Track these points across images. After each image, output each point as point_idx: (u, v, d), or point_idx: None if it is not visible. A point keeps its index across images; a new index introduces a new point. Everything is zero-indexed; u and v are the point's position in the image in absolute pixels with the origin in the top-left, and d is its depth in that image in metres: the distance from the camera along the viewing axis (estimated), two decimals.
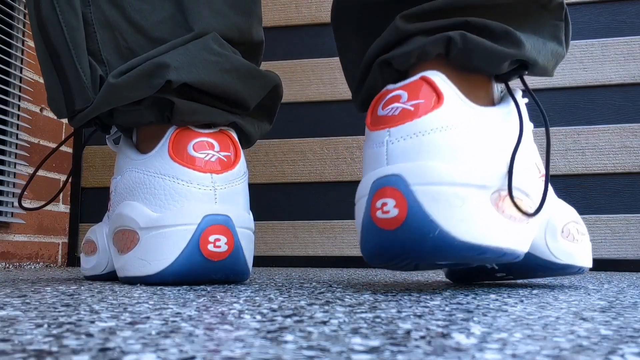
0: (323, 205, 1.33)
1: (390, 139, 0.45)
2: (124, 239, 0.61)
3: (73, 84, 0.63)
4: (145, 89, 0.60)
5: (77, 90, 0.63)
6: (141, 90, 0.61)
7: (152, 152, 0.62)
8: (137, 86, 0.61)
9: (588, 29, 1.30)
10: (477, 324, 0.30)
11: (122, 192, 0.64)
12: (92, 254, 0.72)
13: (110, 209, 0.71)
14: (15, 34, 1.26)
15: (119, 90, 0.61)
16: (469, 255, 0.44)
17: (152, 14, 0.65)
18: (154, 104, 0.62)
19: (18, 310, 0.35)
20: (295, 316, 0.33)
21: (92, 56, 0.64)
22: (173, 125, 0.62)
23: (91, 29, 0.64)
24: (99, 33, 0.64)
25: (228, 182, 0.61)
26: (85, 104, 0.63)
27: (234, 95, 0.64)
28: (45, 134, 1.34)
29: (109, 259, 0.69)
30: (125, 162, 0.65)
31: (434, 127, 0.44)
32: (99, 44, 0.64)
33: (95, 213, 1.42)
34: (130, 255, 0.60)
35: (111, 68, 0.63)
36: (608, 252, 1.22)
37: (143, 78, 0.60)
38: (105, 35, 0.64)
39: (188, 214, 0.57)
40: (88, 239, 0.75)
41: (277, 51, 1.40)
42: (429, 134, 0.44)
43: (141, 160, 0.63)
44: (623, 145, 1.25)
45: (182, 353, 0.21)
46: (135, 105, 0.62)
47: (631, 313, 0.36)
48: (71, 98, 0.64)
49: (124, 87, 0.61)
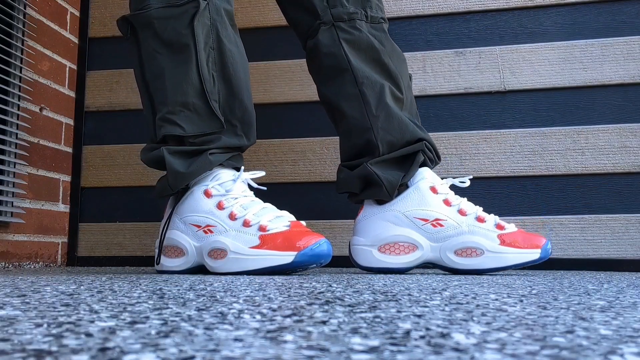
0: (323, 205, 1.33)
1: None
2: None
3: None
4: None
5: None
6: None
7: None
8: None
9: (588, 29, 1.30)
10: (476, 324, 0.30)
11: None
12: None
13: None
14: (15, 34, 1.26)
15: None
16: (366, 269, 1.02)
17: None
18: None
19: (18, 310, 0.35)
20: (295, 316, 0.33)
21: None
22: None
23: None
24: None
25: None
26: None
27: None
28: (45, 133, 1.34)
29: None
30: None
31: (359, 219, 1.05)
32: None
33: (94, 213, 1.42)
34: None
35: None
36: (607, 252, 1.22)
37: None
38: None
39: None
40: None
41: (277, 51, 1.40)
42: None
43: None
44: (622, 145, 1.25)
45: (181, 353, 0.21)
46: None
47: (630, 313, 0.36)
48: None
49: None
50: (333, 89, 1.04)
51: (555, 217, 1.25)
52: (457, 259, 0.96)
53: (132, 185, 1.42)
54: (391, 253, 0.98)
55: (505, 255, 0.94)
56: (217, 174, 0.95)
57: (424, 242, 0.97)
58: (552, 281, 0.71)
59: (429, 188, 0.99)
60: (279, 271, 0.86)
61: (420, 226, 0.97)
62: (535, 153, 1.28)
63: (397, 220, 0.99)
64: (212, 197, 0.93)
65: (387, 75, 1.02)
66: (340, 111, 1.03)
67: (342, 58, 1.02)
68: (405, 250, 0.98)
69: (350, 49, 1.02)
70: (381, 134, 1.00)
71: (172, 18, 0.94)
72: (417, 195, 0.99)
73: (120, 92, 1.46)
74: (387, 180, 0.99)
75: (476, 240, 0.95)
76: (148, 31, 0.96)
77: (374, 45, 1.02)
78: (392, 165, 1.01)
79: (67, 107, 1.43)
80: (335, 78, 1.04)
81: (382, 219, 1.00)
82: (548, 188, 1.27)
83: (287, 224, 0.89)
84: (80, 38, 1.48)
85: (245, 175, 0.96)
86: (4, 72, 1.23)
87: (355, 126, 1.02)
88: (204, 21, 0.95)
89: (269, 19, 1.42)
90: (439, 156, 1.06)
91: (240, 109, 0.97)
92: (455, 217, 0.97)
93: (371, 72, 1.02)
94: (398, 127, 1.00)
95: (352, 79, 1.02)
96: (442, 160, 1.30)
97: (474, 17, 1.35)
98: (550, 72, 1.30)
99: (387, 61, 1.03)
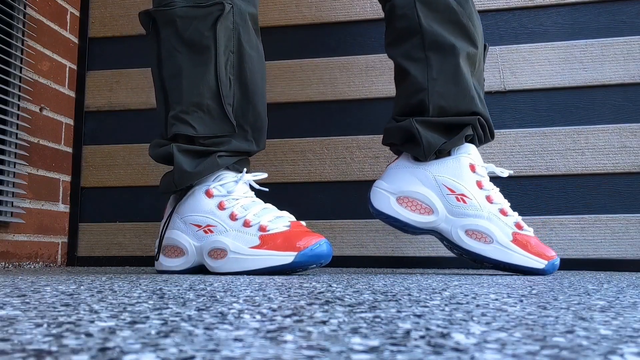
0: (323, 205, 1.33)
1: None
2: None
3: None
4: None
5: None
6: None
7: None
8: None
9: (588, 29, 1.30)
10: (476, 324, 0.30)
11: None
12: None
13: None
14: (15, 34, 1.26)
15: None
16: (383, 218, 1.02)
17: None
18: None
19: (18, 310, 0.35)
20: (295, 316, 0.33)
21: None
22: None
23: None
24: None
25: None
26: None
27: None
28: (45, 133, 1.34)
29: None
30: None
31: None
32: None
33: (94, 213, 1.42)
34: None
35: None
36: (607, 252, 1.22)
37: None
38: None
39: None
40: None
41: (277, 51, 1.40)
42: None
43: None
44: (622, 145, 1.25)
45: (181, 353, 0.21)
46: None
47: (630, 313, 0.36)
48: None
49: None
50: (401, 51, 1.03)
51: (555, 217, 1.25)
52: (466, 238, 0.95)
53: (132, 185, 1.42)
54: (407, 207, 0.99)
55: (511, 253, 0.93)
56: (220, 175, 0.95)
57: (442, 210, 0.97)
58: (552, 281, 0.71)
59: (469, 165, 0.98)
60: (279, 271, 0.86)
61: (445, 195, 0.97)
62: (535, 153, 1.28)
63: (425, 180, 0.98)
64: (214, 198, 0.93)
65: (465, 36, 1.01)
66: (404, 71, 1.02)
67: (414, 20, 1.01)
68: (422, 210, 0.98)
69: (425, 10, 1.01)
70: (435, 97, 0.99)
71: (196, 18, 0.95)
72: (454, 166, 0.98)
73: (120, 92, 1.46)
74: (426, 140, 0.98)
75: (491, 228, 0.94)
76: (170, 28, 0.96)
77: (451, 6, 1.00)
78: (437, 128, 1.00)
79: (67, 107, 1.43)
80: (406, 40, 1.02)
81: (412, 173, 1.00)
82: (548, 188, 1.27)
83: (287, 224, 0.89)
84: (80, 38, 1.48)
85: (248, 177, 0.96)
86: (4, 72, 1.23)
87: (414, 85, 1.00)
88: (227, 24, 0.95)
89: (269, 19, 1.42)
90: (492, 134, 1.04)
91: (253, 115, 0.98)
92: (481, 201, 0.96)
93: (444, 34, 1.00)
94: (455, 94, 0.99)
95: (420, 42, 1.00)
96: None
97: None
98: (550, 72, 1.30)
99: (466, 22, 1.01)
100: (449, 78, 0.99)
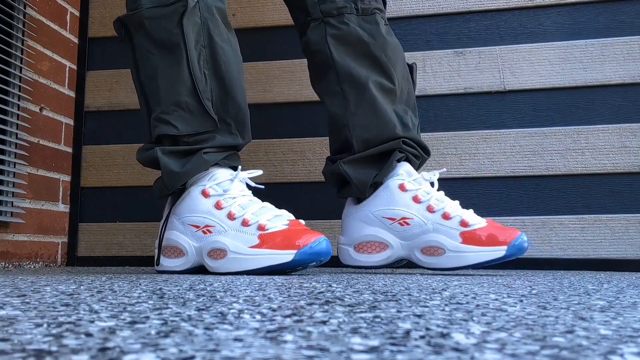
0: (322, 205, 1.33)
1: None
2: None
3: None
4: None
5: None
6: None
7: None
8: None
9: (588, 29, 1.30)
10: (476, 324, 0.30)
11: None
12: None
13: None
14: (15, 34, 1.26)
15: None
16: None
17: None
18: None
19: (18, 310, 0.35)
20: (295, 316, 0.33)
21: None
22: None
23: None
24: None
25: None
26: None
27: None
28: (45, 133, 1.34)
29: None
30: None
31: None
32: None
33: (94, 213, 1.42)
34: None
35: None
36: (607, 252, 1.22)
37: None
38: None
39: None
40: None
41: (277, 51, 1.40)
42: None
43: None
44: (622, 145, 1.25)
45: (181, 353, 0.21)
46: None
47: (630, 313, 0.36)
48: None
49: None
50: (321, 87, 1.06)
51: (555, 217, 1.25)
52: (423, 257, 0.98)
53: (131, 185, 1.42)
54: (365, 252, 1.02)
55: (465, 255, 0.94)
56: (214, 173, 0.95)
57: (394, 240, 0.99)
58: (552, 281, 0.71)
59: (398, 186, 1.00)
60: (279, 270, 0.86)
61: (389, 225, 0.99)
62: (534, 153, 1.28)
63: (368, 220, 1.01)
64: (210, 197, 0.93)
65: (377, 68, 1.02)
66: (327, 109, 1.06)
67: (327, 54, 1.03)
68: (378, 248, 1.01)
69: (337, 45, 1.03)
70: (357, 131, 1.01)
71: (163, 17, 0.94)
72: (385, 195, 1.00)
73: (120, 92, 1.46)
74: (357, 180, 1.00)
75: (439, 239, 0.96)
76: (141, 32, 0.96)
77: (362, 39, 1.02)
78: (365, 163, 1.02)
79: (67, 107, 1.43)
80: (322, 75, 1.05)
81: (357, 218, 1.03)
82: (548, 188, 1.26)
83: (286, 222, 0.89)
84: (80, 38, 1.48)
85: (243, 175, 0.96)
86: (4, 72, 1.23)
87: (336, 122, 1.04)
88: (194, 19, 0.95)
89: (268, 19, 1.42)
90: (427, 152, 1.05)
91: (234, 107, 0.97)
92: (423, 215, 0.97)
93: (357, 67, 1.02)
94: (377, 125, 1.01)
95: (335, 76, 1.03)
96: (442, 159, 1.30)
97: (474, 17, 1.35)
98: (550, 72, 1.30)
99: (378, 54, 1.03)
100: (367, 110, 1.01)
